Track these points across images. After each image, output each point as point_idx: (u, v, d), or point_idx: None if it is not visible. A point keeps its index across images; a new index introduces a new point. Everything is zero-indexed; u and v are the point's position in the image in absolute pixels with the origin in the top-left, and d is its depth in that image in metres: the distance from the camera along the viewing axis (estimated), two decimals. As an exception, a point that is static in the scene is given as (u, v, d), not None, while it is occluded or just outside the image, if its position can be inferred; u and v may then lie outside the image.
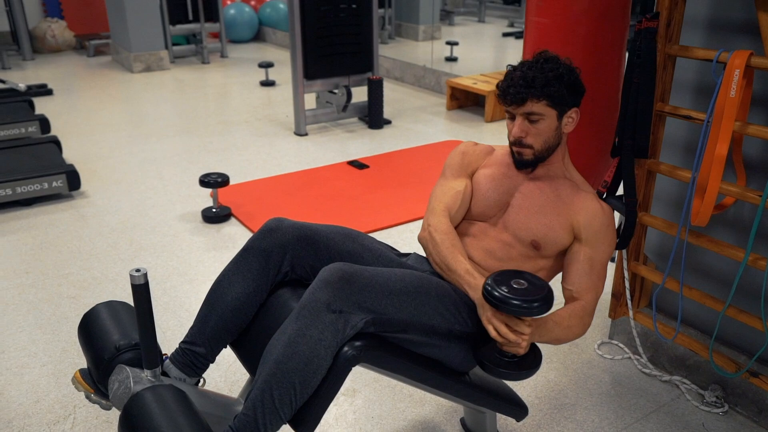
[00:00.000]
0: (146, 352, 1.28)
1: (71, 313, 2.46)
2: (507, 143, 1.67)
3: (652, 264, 2.08)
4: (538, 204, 1.60)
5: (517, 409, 1.65)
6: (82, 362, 2.18)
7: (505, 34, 8.21)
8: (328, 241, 1.54)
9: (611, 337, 2.28)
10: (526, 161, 1.60)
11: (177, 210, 3.38)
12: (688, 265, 1.95)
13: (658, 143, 1.90)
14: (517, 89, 1.51)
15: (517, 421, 1.74)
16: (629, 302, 2.05)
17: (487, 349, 1.43)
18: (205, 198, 3.48)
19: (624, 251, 2.01)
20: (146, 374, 1.30)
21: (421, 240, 1.64)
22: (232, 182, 3.62)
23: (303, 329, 1.28)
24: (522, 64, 1.57)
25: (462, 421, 1.91)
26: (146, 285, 1.22)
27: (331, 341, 1.28)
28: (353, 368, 1.32)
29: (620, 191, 1.92)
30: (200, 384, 1.48)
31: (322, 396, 1.26)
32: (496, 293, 1.31)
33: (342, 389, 2.03)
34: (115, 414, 1.93)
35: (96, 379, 1.38)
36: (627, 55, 1.83)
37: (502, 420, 1.92)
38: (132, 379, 1.27)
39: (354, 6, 4.54)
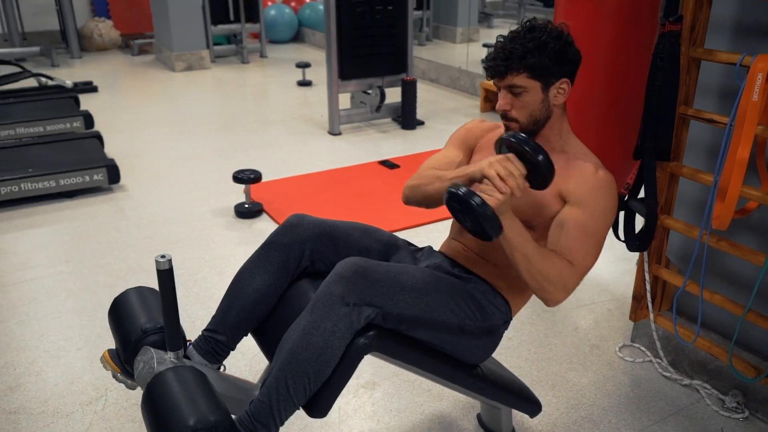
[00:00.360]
0: (170, 335, 1.34)
1: (107, 300, 2.57)
2: None
3: (675, 267, 2.07)
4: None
5: (530, 405, 1.68)
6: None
7: (544, 37, 8.16)
8: (347, 237, 1.60)
9: (633, 340, 2.28)
10: (521, 135, 1.50)
11: (211, 205, 3.48)
12: (709, 269, 1.94)
13: (682, 146, 1.90)
14: (497, 62, 1.45)
15: (531, 417, 1.76)
16: (650, 305, 2.05)
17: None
18: (238, 194, 3.57)
19: (645, 254, 2.01)
20: (169, 356, 1.37)
21: (403, 196, 1.61)
22: (264, 179, 3.70)
23: (317, 321, 1.33)
24: (508, 34, 1.50)
25: (478, 416, 1.94)
26: (170, 271, 1.29)
27: (344, 333, 1.33)
28: (374, 362, 1.37)
29: (642, 194, 1.93)
30: (221, 370, 1.55)
31: (334, 383, 1.31)
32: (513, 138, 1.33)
33: (362, 382, 2.08)
34: (143, 397, 2.01)
35: (123, 359, 1.46)
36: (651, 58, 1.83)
37: (519, 417, 1.94)
38: (156, 360, 1.34)
39: (390, 8, 4.59)
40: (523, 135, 1.34)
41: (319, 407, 1.31)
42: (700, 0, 1.75)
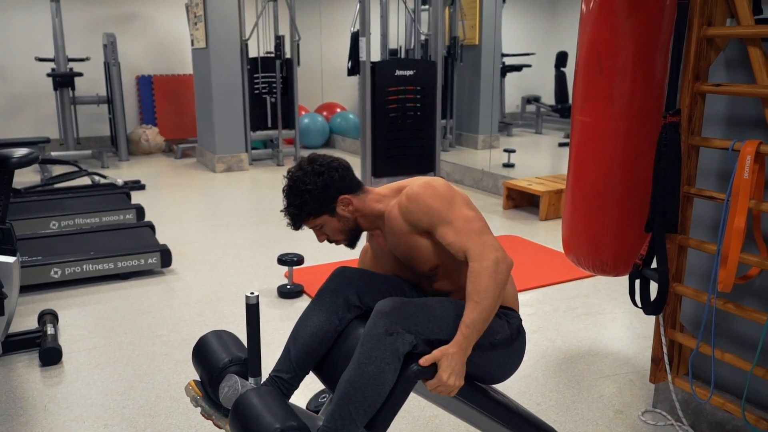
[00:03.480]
0: (252, 362, 1.58)
1: (164, 366, 2.79)
2: (559, 242, 1.97)
3: (689, 332, 2.27)
4: (396, 246, 1.83)
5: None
6: (175, 406, 2.48)
7: (561, 144, 8.62)
8: (384, 279, 1.89)
9: (655, 405, 2.43)
10: (348, 245, 1.90)
11: (254, 286, 3.74)
12: (719, 331, 2.13)
13: (688, 221, 2.16)
14: (289, 222, 1.82)
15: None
16: (668, 367, 2.23)
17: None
18: (279, 277, 3.84)
19: (661, 319, 2.21)
20: (251, 381, 1.60)
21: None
22: (306, 264, 3.99)
23: (368, 352, 1.56)
24: (283, 189, 1.82)
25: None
26: (257, 306, 1.54)
27: (392, 359, 1.56)
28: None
29: (655, 263, 2.16)
30: None
31: (391, 404, 1.52)
32: None
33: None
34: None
35: (208, 385, 1.68)
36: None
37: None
38: (240, 383, 1.57)
39: (419, 114, 5.04)
40: None
41: (378, 425, 1.51)
42: (695, 97, 2.06)
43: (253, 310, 1.52)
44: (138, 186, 6.37)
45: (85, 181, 6.32)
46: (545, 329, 3.15)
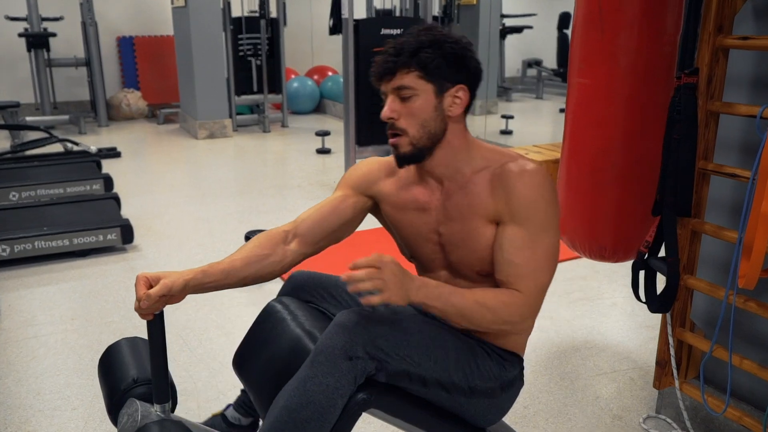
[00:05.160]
0: (157, 386, 1.27)
1: (108, 359, 2.49)
2: None
3: (700, 331, 1.96)
4: (450, 221, 1.37)
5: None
6: (112, 408, 2.19)
7: (563, 110, 8.24)
8: (338, 285, 1.56)
9: (658, 411, 2.13)
10: (404, 155, 1.34)
11: (222, 266, 3.43)
12: (738, 333, 1.82)
13: (703, 203, 1.82)
14: (385, 58, 1.30)
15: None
16: (675, 372, 1.92)
17: None
18: (250, 255, 3.52)
19: (668, 316, 1.90)
20: (155, 409, 1.29)
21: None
22: (278, 241, 3.67)
23: (319, 377, 1.23)
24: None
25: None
26: (160, 317, 1.23)
27: (346, 389, 1.24)
28: (368, 418, 1.27)
29: (663, 252, 1.84)
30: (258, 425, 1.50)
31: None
32: None
33: (367, 449, 1.96)
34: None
35: (108, 410, 1.38)
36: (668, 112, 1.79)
37: (534, 492, 1.80)
38: (141, 413, 1.26)
39: (407, 76, 4.66)
40: None
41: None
42: (716, 53, 1.71)
43: (155, 325, 1.21)
44: (113, 153, 6.02)
45: (58, 148, 5.96)
46: (537, 317, 2.83)
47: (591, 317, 2.84)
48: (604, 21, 2.13)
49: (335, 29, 6.35)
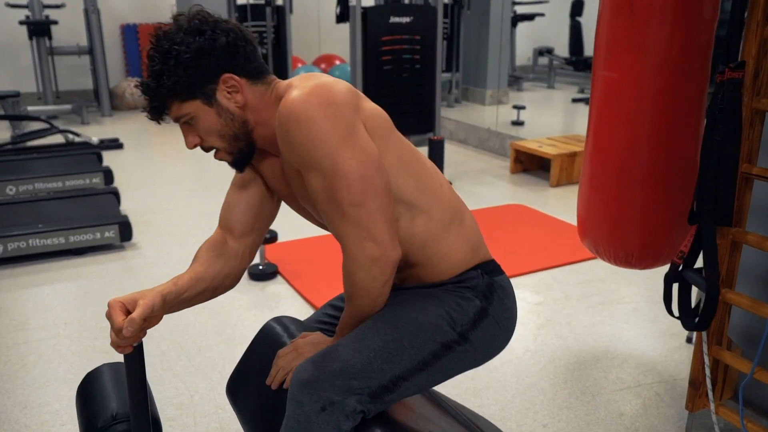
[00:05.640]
0: (136, 426, 1.12)
1: (101, 368, 2.36)
2: (571, 213, 1.46)
3: (737, 349, 1.79)
4: (298, 187, 1.28)
5: None
6: (103, 423, 2.05)
7: (575, 100, 8.03)
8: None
9: (689, 431, 1.98)
10: (233, 163, 1.28)
11: (224, 265, 3.28)
12: (782, 354, 1.66)
13: (745, 210, 1.66)
14: (145, 103, 1.21)
15: None
16: (710, 393, 1.77)
17: None
18: (253, 254, 3.37)
19: (704, 333, 1.74)
20: (136, 451, 1.14)
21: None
22: (281, 239, 3.52)
23: None
24: None
25: None
26: (140, 349, 1.08)
27: None
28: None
29: (699, 263, 1.68)
30: None
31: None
32: None
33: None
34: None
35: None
36: (707, 110, 1.62)
37: None
38: (117, 456, 1.12)
39: (417, 66, 4.49)
40: None
41: None
42: (764, 45, 1.54)
43: (133, 357, 1.06)
44: (115, 145, 5.88)
45: (59, 139, 5.83)
46: (555, 323, 2.69)
47: (611, 323, 2.68)
48: (634, 6, 1.95)
49: (342, 17, 6.16)
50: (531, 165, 5.11)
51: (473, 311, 1.28)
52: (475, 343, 1.28)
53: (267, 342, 1.33)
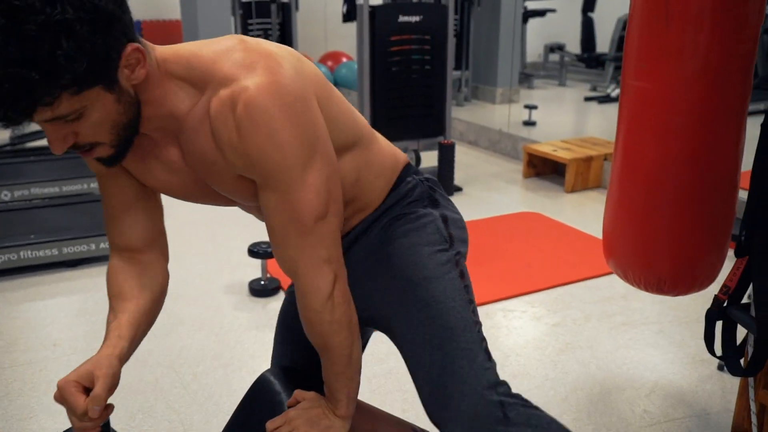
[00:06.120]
0: None
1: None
2: (588, 221, 1.32)
3: (787, 393, 1.62)
4: (209, 177, 1.08)
5: None
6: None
7: (587, 98, 7.83)
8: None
9: (727, 478, 1.81)
10: (111, 158, 0.99)
11: (224, 279, 3.13)
12: (840, 403, 1.49)
13: (799, 241, 1.48)
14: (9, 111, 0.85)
15: None
16: (756, 442, 1.60)
17: None
18: (254, 267, 3.22)
19: (750, 378, 1.56)
20: None
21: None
22: (285, 251, 3.36)
23: None
24: None
25: None
26: (107, 427, 0.92)
27: None
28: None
29: (746, 300, 1.51)
30: None
31: None
32: None
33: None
34: None
35: None
36: (761, 127, 1.44)
37: None
38: None
39: (427, 67, 4.31)
40: None
41: None
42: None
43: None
44: (116, 146, 5.73)
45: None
46: (575, 347, 2.51)
47: (636, 347, 2.50)
48: (670, 10, 1.77)
49: (349, 16, 5.99)
50: (545, 169, 4.93)
51: (440, 222, 1.26)
52: (456, 242, 1.29)
53: (262, 400, 1.17)
